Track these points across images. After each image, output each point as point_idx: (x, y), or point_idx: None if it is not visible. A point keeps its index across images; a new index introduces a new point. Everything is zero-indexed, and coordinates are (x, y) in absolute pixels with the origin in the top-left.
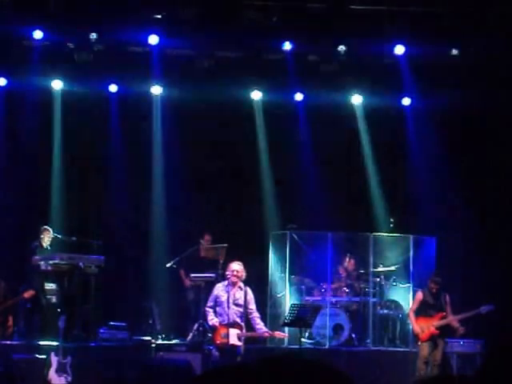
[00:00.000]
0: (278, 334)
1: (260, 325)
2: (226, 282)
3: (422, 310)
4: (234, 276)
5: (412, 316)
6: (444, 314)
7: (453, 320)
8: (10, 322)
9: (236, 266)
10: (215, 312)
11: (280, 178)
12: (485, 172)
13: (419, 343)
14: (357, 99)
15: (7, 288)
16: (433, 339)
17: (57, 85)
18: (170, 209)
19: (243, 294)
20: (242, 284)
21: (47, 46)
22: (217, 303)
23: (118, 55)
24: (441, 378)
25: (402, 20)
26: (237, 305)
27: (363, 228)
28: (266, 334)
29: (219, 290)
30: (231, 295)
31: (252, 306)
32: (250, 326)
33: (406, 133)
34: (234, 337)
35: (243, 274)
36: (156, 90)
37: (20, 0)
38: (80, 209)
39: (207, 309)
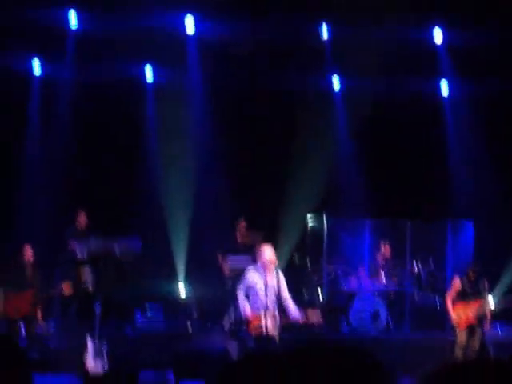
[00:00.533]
0: (310, 312)
1: (294, 310)
2: (258, 267)
3: (460, 297)
4: (267, 262)
5: (449, 303)
6: (482, 300)
7: (490, 308)
8: (40, 315)
9: (269, 252)
10: (249, 299)
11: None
12: None
13: (457, 331)
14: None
15: (43, 276)
16: (471, 327)
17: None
18: (206, 193)
19: (276, 281)
20: (274, 270)
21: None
22: (250, 290)
23: (153, 40)
24: (476, 363)
25: (440, 4)
26: (271, 291)
27: (401, 214)
28: (301, 320)
29: (252, 275)
30: (264, 281)
31: (285, 291)
32: (284, 312)
33: (444, 117)
34: (269, 326)
35: (275, 259)
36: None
37: None
38: (116, 191)
39: (238, 293)
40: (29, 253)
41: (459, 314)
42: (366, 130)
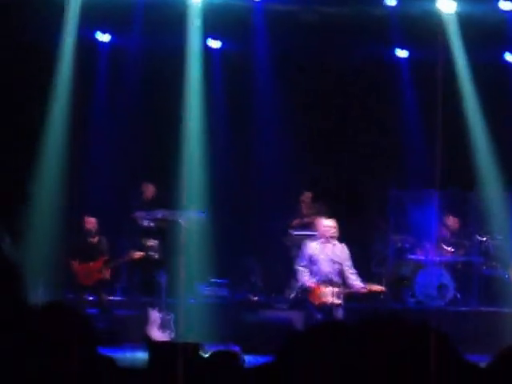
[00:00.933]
0: (375, 287)
1: (357, 281)
2: (316, 239)
3: None
4: (329, 232)
5: None
6: None
7: None
8: (105, 275)
9: (328, 222)
10: (310, 271)
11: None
12: None
13: None
14: (459, 55)
15: (108, 244)
16: None
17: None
18: (273, 163)
19: (338, 251)
20: (336, 241)
21: None
22: (312, 262)
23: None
24: None
25: None
26: (333, 262)
27: (467, 185)
28: (364, 290)
29: (313, 248)
30: (326, 252)
31: (348, 262)
32: (347, 283)
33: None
34: (332, 295)
35: (336, 231)
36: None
37: None
38: (182, 164)
39: (300, 268)
40: (91, 223)
41: None
42: (429, 99)
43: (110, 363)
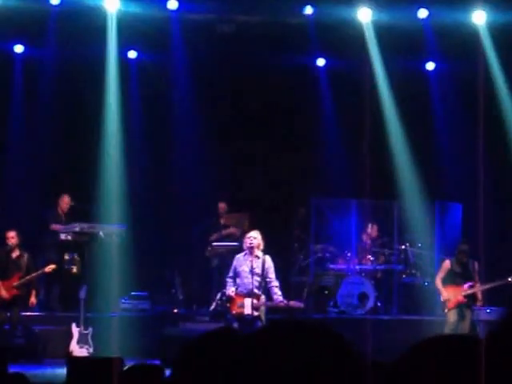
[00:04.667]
0: (292, 303)
1: (277, 294)
2: (244, 252)
3: (450, 279)
4: (250, 244)
5: (439, 283)
6: (473, 282)
7: (479, 289)
8: (34, 295)
9: (252, 234)
10: (235, 283)
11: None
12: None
13: (446, 311)
14: (380, 63)
15: (31, 260)
16: (460, 307)
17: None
18: (192, 174)
19: (261, 263)
20: (259, 253)
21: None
22: (236, 274)
23: (137, 21)
24: (453, 338)
25: None
26: (254, 274)
27: (388, 195)
28: (282, 304)
29: (238, 260)
30: (249, 264)
31: (271, 274)
32: (269, 295)
33: (431, 97)
34: (248, 306)
35: (260, 243)
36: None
37: None
38: (99, 175)
39: (227, 279)
40: (12, 237)
41: (449, 295)
42: (350, 108)
43: (21, 381)
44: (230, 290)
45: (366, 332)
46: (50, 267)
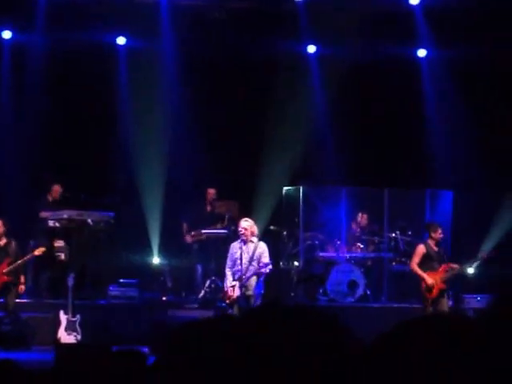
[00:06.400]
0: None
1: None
2: (238, 240)
3: (426, 264)
4: (243, 233)
5: (417, 268)
6: (447, 265)
7: (455, 272)
8: (23, 281)
9: (243, 224)
10: (232, 272)
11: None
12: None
13: (429, 301)
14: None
15: (18, 247)
16: (441, 291)
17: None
18: (182, 160)
19: (252, 249)
20: (254, 239)
21: None
22: (232, 262)
23: (125, 7)
24: (432, 317)
25: None
26: (251, 261)
27: (378, 183)
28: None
29: (233, 248)
30: (244, 252)
31: (263, 259)
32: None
33: (422, 83)
34: (238, 293)
35: (253, 230)
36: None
37: None
38: (88, 165)
39: (226, 271)
40: None
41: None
42: (341, 96)
43: (10, 367)
44: (229, 286)
45: (356, 319)
46: (40, 250)
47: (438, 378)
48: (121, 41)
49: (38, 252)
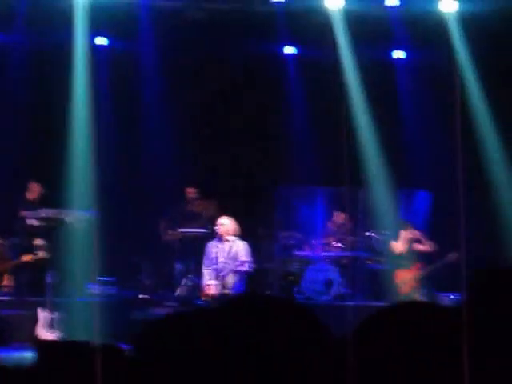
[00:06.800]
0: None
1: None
2: (216, 238)
3: (399, 262)
4: (218, 231)
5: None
6: (420, 264)
7: (429, 270)
8: (6, 282)
9: (221, 221)
10: (210, 271)
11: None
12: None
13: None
14: (347, 53)
15: (7, 246)
16: (413, 290)
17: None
18: (161, 161)
19: (228, 248)
20: (231, 238)
21: None
22: (210, 260)
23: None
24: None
25: None
26: (227, 259)
27: (354, 182)
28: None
29: (210, 247)
30: (220, 250)
31: (241, 258)
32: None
33: (398, 86)
34: (216, 291)
35: (231, 228)
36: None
37: None
38: (67, 163)
39: (203, 270)
40: None
41: (403, 279)
42: (317, 95)
43: None
44: (206, 284)
45: (331, 317)
46: (29, 256)
47: (413, 360)
48: (100, 41)
49: (25, 258)
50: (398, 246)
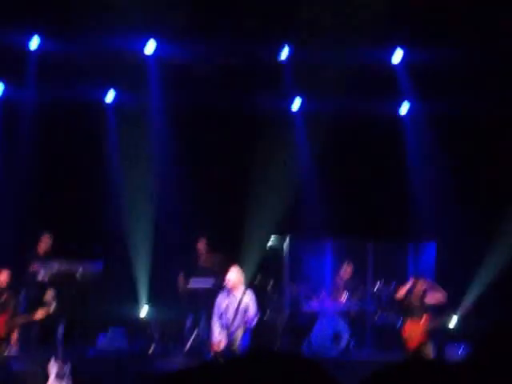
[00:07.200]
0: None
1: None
2: (225, 289)
3: (408, 315)
4: (227, 284)
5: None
6: (429, 315)
7: (438, 322)
8: (15, 338)
9: (228, 275)
10: (220, 325)
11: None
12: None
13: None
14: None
15: (18, 300)
16: (421, 344)
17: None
18: (169, 216)
19: (237, 302)
20: (241, 287)
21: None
22: (221, 313)
23: (113, 64)
24: (406, 364)
25: (402, 22)
26: (237, 313)
27: (362, 235)
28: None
29: (219, 300)
30: (230, 304)
31: (250, 312)
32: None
33: (405, 138)
34: (225, 344)
35: (238, 280)
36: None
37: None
38: (78, 214)
39: (212, 324)
40: (3, 277)
41: (410, 333)
42: (326, 151)
43: None
44: (216, 338)
45: (338, 372)
46: (42, 312)
47: None
48: (110, 97)
49: (38, 316)
50: (403, 293)
